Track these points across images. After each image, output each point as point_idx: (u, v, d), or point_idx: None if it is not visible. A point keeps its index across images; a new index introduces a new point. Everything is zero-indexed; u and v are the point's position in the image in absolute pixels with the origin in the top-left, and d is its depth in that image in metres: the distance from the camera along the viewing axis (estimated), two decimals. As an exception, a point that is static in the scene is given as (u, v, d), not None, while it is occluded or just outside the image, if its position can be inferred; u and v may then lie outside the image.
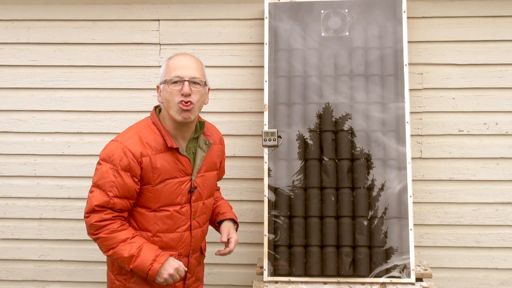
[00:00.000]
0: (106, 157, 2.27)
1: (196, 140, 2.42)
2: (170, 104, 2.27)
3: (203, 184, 2.44)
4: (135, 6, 3.15)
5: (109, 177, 2.24)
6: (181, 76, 2.25)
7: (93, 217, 2.25)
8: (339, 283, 2.82)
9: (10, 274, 3.40)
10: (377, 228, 2.84)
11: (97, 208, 2.25)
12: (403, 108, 2.92)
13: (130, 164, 2.24)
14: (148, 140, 2.29)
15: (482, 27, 3.07)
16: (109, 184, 2.24)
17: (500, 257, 3.20)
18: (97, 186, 2.27)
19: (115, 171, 2.24)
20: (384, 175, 2.88)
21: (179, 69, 2.26)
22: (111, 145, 2.28)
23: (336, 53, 2.99)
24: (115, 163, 2.24)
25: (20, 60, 3.22)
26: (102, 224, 2.25)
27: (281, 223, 2.88)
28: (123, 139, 2.28)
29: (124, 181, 2.25)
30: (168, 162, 2.31)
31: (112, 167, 2.24)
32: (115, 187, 2.24)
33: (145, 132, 2.31)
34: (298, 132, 2.95)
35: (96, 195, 2.26)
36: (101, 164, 2.27)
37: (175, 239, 2.38)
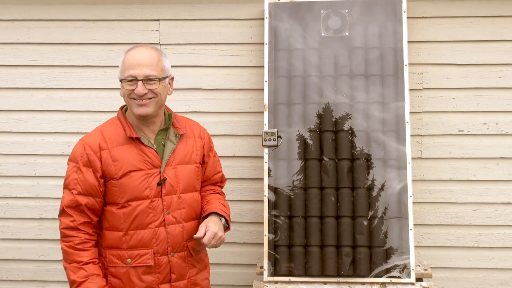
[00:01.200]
0: (71, 157, 2.29)
1: (165, 132, 2.36)
2: (128, 100, 2.26)
3: (177, 177, 2.33)
4: (135, 6, 3.15)
5: (72, 175, 2.24)
6: (134, 76, 2.20)
7: (61, 222, 2.26)
8: (339, 283, 2.82)
9: (10, 274, 3.40)
10: (377, 228, 2.84)
11: (66, 209, 2.23)
12: (403, 108, 2.92)
13: (89, 159, 2.23)
14: (109, 133, 2.28)
15: (482, 27, 3.06)
16: (73, 182, 2.24)
17: (500, 257, 3.20)
18: (64, 187, 2.28)
19: (76, 168, 2.24)
20: (384, 175, 2.88)
21: (132, 67, 2.20)
22: (76, 145, 2.30)
23: (336, 53, 2.99)
24: (77, 160, 2.25)
25: (20, 60, 3.22)
26: (66, 233, 2.24)
27: (281, 223, 2.88)
28: (85, 137, 2.30)
29: (85, 177, 2.23)
30: (130, 153, 2.26)
31: (75, 165, 2.25)
32: (78, 184, 2.23)
33: (107, 127, 2.32)
34: (298, 132, 2.95)
35: (64, 196, 2.26)
36: (68, 165, 2.29)
37: (148, 236, 2.28)
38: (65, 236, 2.24)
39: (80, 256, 2.22)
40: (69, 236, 2.24)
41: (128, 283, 2.29)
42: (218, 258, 3.30)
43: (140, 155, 2.27)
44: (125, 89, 2.23)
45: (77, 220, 2.23)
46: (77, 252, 2.22)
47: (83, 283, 2.19)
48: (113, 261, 2.30)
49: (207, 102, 3.18)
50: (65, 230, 2.24)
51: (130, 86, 2.21)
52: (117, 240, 2.28)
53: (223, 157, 3.21)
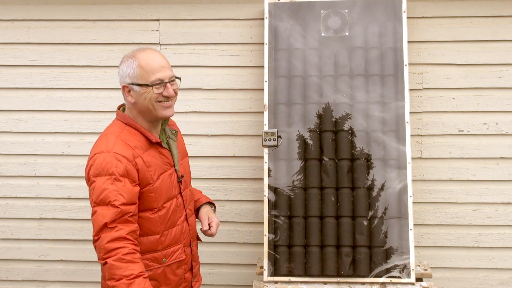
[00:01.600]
0: (98, 171, 2.14)
1: (164, 132, 2.40)
2: (150, 104, 2.21)
3: (184, 172, 2.44)
4: (135, 6, 3.15)
5: (109, 188, 2.10)
6: (162, 79, 2.21)
7: (103, 238, 2.07)
8: (339, 283, 2.82)
9: (10, 274, 3.40)
10: (377, 228, 2.84)
11: (110, 224, 2.08)
12: (403, 108, 2.92)
13: (127, 169, 2.14)
14: (132, 141, 2.22)
15: (482, 27, 3.06)
16: (113, 194, 2.10)
17: (500, 257, 3.20)
18: (99, 203, 2.11)
19: (113, 179, 2.11)
20: (384, 175, 2.88)
21: (157, 71, 2.20)
22: (98, 158, 2.15)
23: (336, 53, 2.99)
24: (111, 172, 2.12)
25: (20, 60, 3.22)
26: (111, 246, 2.07)
27: (281, 223, 2.88)
28: (108, 147, 2.16)
29: (125, 186, 2.12)
30: (155, 157, 2.27)
31: (109, 177, 2.12)
32: (119, 194, 2.11)
33: (125, 135, 2.23)
34: (298, 132, 2.95)
35: (102, 212, 2.09)
36: (95, 181, 2.13)
37: (178, 232, 2.35)
38: (111, 250, 2.06)
39: (130, 269, 2.06)
40: (116, 249, 2.07)
41: (164, 281, 2.32)
42: (218, 258, 3.30)
43: (161, 157, 2.30)
44: (153, 93, 2.20)
45: (123, 229, 2.10)
46: (126, 264, 2.06)
47: None
48: (149, 265, 2.27)
49: (207, 102, 3.18)
50: (110, 243, 2.06)
51: (158, 89, 2.20)
52: (154, 243, 2.27)
53: (223, 157, 3.22)
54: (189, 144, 3.21)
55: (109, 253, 2.07)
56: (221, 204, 3.26)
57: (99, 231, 2.09)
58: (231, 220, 3.27)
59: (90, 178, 2.17)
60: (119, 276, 2.05)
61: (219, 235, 3.28)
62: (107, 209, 2.09)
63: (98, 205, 2.11)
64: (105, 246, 2.07)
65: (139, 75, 2.19)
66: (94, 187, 2.13)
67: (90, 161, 2.18)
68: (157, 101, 2.22)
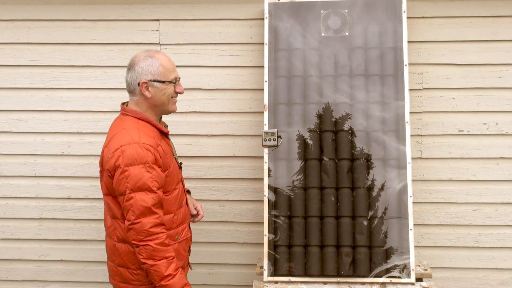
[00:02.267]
0: (130, 161, 2.33)
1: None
2: (166, 100, 2.48)
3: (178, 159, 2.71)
4: (135, 6, 3.15)
5: (145, 175, 2.33)
6: (177, 77, 2.52)
7: (145, 223, 2.33)
8: (339, 283, 2.82)
9: (10, 274, 3.40)
10: (377, 228, 2.84)
11: (154, 208, 2.34)
12: (403, 108, 2.92)
13: (155, 157, 2.38)
14: (149, 132, 2.44)
15: (482, 27, 3.06)
16: (150, 180, 2.34)
17: (500, 257, 3.20)
18: (137, 189, 2.33)
19: (147, 167, 2.34)
20: (384, 175, 2.88)
21: (174, 71, 2.49)
22: (128, 149, 2.34)
23: (336, 53, 2.99)
24: (144, 161, 2.34)
25: (20, 60, 3.22)
26: (154, 231, 2.34)
27: (281, 223, 2.88)
28: (134, 139, 2.37)
29: (158, 173, 2.38)
30: (166, 146, 2.52)
31: (143, 165, 2.34)
32: (155, 180, 2.36)
33: (143, 127, 2.45)
34: (298, 132, 2.95)
35: (142, 198, 2.33)
36: (129, 170, 2.33)
37: (185, 212, 2.60)
38: (153, 234, 2.34)
39: (169, 251, 2.38)
40: (158, 233, 2.35)
41: (180, 257, 2.54)
42: (218, 258, 3.30)
43: (168, 146, 2.56)
44: (172, 89, 2.48)
45: (161, 215, 2.38)
46: (166, 248, 2.37)
47: (176, 275, 2.38)
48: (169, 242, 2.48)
49: (207, 102, 3.18)
50: (153, 228, 2.33)
51: (176, 86, 2.50)
52: (170, 221, 2.49)
53: (223, 157, 3.22)
54: (189, 144, 3.22)
55: (151, 237, 2.33)
56: (221, 204, 3.26)
57: (140, 215, 2.33)
58: (231, 220, 3.27)
59: (119, 167, 2.35)
60: (160, 257, 2.35)
61: (219, 235, 3.28)
62: (146, 195, 2.34)
63: (135, 192, 2.33)
64: (148, 230, 2.33)
65: (162, 73, 2.44)
66: (129, 175, 2.33)
67: (117, 152, 2.35)
68: (172, 96, 2.50)
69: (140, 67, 2.43)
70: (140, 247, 2.35)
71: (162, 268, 2.35)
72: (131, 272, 2.49)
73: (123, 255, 2.48)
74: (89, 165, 3.27)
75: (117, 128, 2.45)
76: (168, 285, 2.36)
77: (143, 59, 2.44)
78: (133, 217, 2.33)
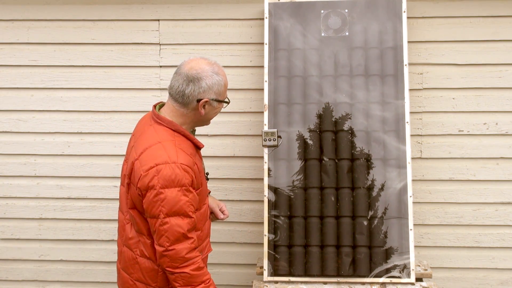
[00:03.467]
0: (167, 183, 2.17)
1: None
2: (212, 117, 2.38)
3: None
4: (135, 6, 3.15)
5: (182, 198, 2.19)
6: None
7: (180, 249, 2.19)
8: (339, 283, 2.82)
9: (10, 274, 3.40)
10: (377, 228, 2.84)
11: (188, 234, 2.20)
12: (403, 108, 2.92)
13: (192, 179, 2.23)
14: (186, 148, 2.28)
15: (482, 27, 3.06)
16: (186, 205, 2.19)
17: (500, 257, 3.20)
18: (172, 214, 2.18)
19: (185, 191, 2.19)
20: (384, 175, 2.88)
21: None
22: (165, 169, 2.17)
23: (336, 53, 2.99)
24: (181, 183, 2.18)
25: (20, 60, 3.22)
26: (189, 256, 2.21)
27: (281, 223, 2.88)
28: (172, 158, 2.20)
29: (194, 196, 2.24)
30: (199, 161, 2.39)
31: (180, 188, 2.18)
32: (191, 205, 2.22)
33: (179, 143, 2.28)
34: (298, 132, 2.95)
35: (177, 223, 2.18)
36: (164, 193, 2.17)
37: (208, 226, 2.48)
38: (189, 259, 2.22)
39: (206, 274, 2.27)
40: (193, 258, 2.23)
41: None
42: (218, 258, 3.30)
43: (201, 160, 2.43)
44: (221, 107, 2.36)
45: (195, 239, 2.25)
46: (203, 272, 2.26)
47: None
48: None
49: (207, 102, 3.18)
50: (188, 254, 2.21)
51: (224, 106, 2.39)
52: (197, 239, 2.35)
53: (223, 157, 3.22)
54: (189, 144, 3.21)
55: (186, 263, 2.21)
56: (221, 204, 3.26)
57: (175, 242, 2.19)
58: (231, 220, 3.27)
59: (153, 188, 2.18)
60: (198, 283, 2.23)
61: (219, 235, 3.28)
62: (182, 220, 2.19)
63: (170, 216, 2.18)
64: (184, 257, 2.20)
65: (222, 92, 2.32)
66: (165, 199, 2.17)
67: (152, 171, 2.18)
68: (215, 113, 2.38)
69: (207, 84, 2.25)
70: (176, 274, 2.21)
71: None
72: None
73: (144, 271, 2.34)
74: (89, 165, 3.27)
75: (151, 139, 2.25)
76: None
77: (211, 76, 2.26)
78: (168, 243, 2.18)
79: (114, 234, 3.32)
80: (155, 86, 3.18)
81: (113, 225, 3.30)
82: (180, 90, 2.26)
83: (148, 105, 3.19)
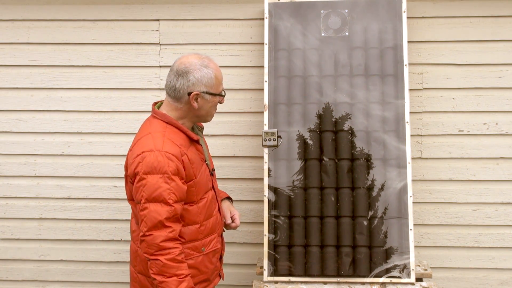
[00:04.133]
0: (149, 169, 2.22)
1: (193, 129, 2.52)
2: (209, 111, 2.40)
3: (211, 165, 2.58)
4: (135, 6, 3.15)
5: (163, 186, 2.22)
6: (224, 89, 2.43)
7: (157, 236, 2.21)
8: (339, 283, 2.82)
9: (10, 274, 3.40)
10: (377, 228, 2.84)
11: (166, 222, 2.22)
12: (403, 108, 2.92)
13: (177, 167, 2.25)
14: (177, 139, 2.32)
15: (482, 27, 3.06)
16: (167, 192, 2.22)
17: (500, 257, 3.20)
18: (152, 200, 2.22)
19: (166, 178, 2.22)
20: (384, 175, 2.88)
21: (222, 82, 2.40)
22: (149, 156, 2.23)
23: (336, 53, 2.99)
24: (163, 171, 2.22)
25: (20, 60, 3.22)
26: (166, 245, 2.22)
27: (281, 223, 2.88)
28: (157, 146, 2.25)
29: (178, 185, 2.25)
30: (195, 153, 2.40)
31: (162, 175, 2.22)
32: (173, 193, 2.23)
33: (170, 134, 2.32)
34: (298, 132, 2.95)
35: (155, 209, 2.21)
36: (147, 178, 2.22)
37: (215, 222, 2.48)
38: (165, 248, 2.22)
39: (181, 269, 2.26)
40: (170, 248, 2.23)
41: (203, 269, 2.44)
42: (218, 258, 3.30)
43: (198, 153, 2.43)
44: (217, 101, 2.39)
45: (175, 230, 2.26)
46: (178, 265, 2.24)
47: None
48: (190, 254, 2.39)
49: (207, 102, 3.18)
50: (165, 243, 2.22)
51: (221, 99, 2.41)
52: (195, 233, 2.39)
53: (223, 157, 3.22)
54: (189, 144, 3.21)
55: (161, 251, 2.22)
56: (221, 204, 3.26)
57: (153, 228, 2.22)
58: (231, 220, 3.27)
59: (138, 174, 2.25)
60: (171, 274, 2.23)
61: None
62: (161, 207, 2.22)
63: (150, 202, 2.22)
64: (159, 244, 2.21)
65: (214, 85, 2.34)
66: (146, 184, 2.22)
67: (138, 158, 2.25)
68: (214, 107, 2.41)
69: (194, 76, 2.29)
70: (151, 261, 2.23)
71: (171, 286, 2.22)
72: (150, 282, 2.39)
73: (143, 263, 2.39)
74: (89, 165, 3.27)
75: (144, 132, 2.34)
76: None
77: (199, 69, 2.30)
78: (145, 228, 2.22)
79: (114, 234, 3.32)
80: (155, 86, 3.18)
81: (113, 225, 3.31)
82: (172, 85, 2.33)
83: (148, 105, 3.19)
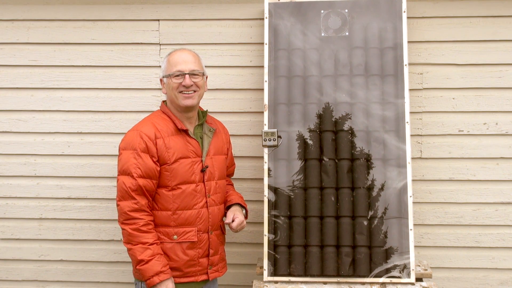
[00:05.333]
0: (125, 145, 2.54)
1: (201, 127, 2.71)
2: (175, 94, 2.57)
3: (214, 166, 2.70)
4: (135, 6, 3.15)
5: (130, 160, 2.50)
6: (182, 70, 2.56)
7: (124, 205, 2.49)
8: (339, 283, 2.82)
9: (10, 274, 3.40)
10: (377, 228, 2.84)
11: (132, 192, 2.48)
12: (403, 108, 2.92)
13: (147, 146, 2.51)
14: (160, 125, 2.58)
15: (482, 27, 3.07)
16: (133, 167, 2.49)
17: (500, 257, 3.20)
18: (122, 172, 2.52)
19: (135, 154, 2.50)
20: (384, 175, 2.88)
21: (179, 64, 2.56)
22: (128, 135, 2.56)
23: (336, 53, 2.99)
24: (134, 147, 2.51)
25: (20, 60, 3.22)
26: (132, 215, 2.48)
27: (281, 223, 2.88)
28: (139, 128, 2.56)
29: (144, 161, 2.50)
30: (179, 143, 2.59)
31: (132, 151, 2.51)
32: (138, 167, 2.49)
33: (156, 119, 2.61)
34: (298, 132, 2.95)
35: (124, 180, 2.50)
36: (122, 154, 2.54)
37: (193, 215, 2.61)
38: (130, 218, 2.49)
39: (146, 238, 2.49)
40: (135, 218, 2.49)
41: (173, 256, 2.59)
42: (218, 258, 3.30)
43: (187, 145, 2.62)
44: (173, 83, 2.57)
45: (140, 202, 2.50)
46: (143, 234, 2.49)
47: (150, 261, 2.47)
48: (161, 238, 2.58)
49: (207, 102, 3.18)
50: (130, 212, 2.48)
51: (178, 80, 2.56)
52: (166, 218, 2.58)
53: (223, 157, 3.22)
54: (189, 144, 3.21)
55: (128, 221, 2.49)
56: (221, 204, 3.26)
57: (121, 198, 2.51)
58: (231, 220, 3.27)
59: (119, 150, 2.58)
60: (136, 242, 2.48)
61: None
62: (128, 179, 2.50)
63: (121, 174, 2.53)
64: (127, 213, 2.49)
65: (166, 68, 2.61)
66: (120, 159, 2.55)
67: (124, 136, 2.60)
68: (179, 91, 2.57)
69: (161, 67, 2.65)
70: (122, 230, 2.52)
71: (137, 253, 2.47)
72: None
73: None
74: (89, 165, 3.27)
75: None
76: (141, 270, 2.48)
77: (163, 59, 2.63)
78: (117, 198, 2.53)
79: (114, 234, 3.32)
80: (155, 86, 3.18)
81: (113, 225, 3.30)
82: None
83: (148, 105, 3.20)
